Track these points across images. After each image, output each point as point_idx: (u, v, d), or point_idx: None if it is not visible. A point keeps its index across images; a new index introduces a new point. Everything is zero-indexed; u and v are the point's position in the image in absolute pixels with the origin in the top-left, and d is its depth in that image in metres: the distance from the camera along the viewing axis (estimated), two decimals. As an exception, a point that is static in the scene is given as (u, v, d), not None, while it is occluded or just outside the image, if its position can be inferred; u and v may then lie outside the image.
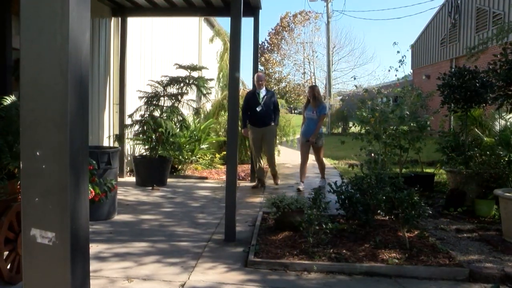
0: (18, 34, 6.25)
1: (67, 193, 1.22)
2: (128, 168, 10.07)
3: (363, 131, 7.59)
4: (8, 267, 4.05)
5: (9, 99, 4.63)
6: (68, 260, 1.22)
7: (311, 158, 9.53)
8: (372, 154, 6.85)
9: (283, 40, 49.24)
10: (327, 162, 13.58)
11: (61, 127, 1.21)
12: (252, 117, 9.03)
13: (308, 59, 47.84)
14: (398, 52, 9.33)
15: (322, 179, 9.38)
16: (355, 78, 11.63)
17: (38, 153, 1.23)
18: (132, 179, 9.39)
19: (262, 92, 9.06)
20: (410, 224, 5.09)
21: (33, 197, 1.25)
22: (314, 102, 9.02)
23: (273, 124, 9.12)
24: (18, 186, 4.17)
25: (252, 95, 9.14)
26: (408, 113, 7.33)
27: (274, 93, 9.57)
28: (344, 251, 4.93)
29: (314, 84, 11.06)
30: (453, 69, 7.95)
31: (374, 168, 6.45)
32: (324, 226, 5.08)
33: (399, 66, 8.83)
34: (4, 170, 4.07)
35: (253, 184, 9.30)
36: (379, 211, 5.56)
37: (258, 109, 8.87)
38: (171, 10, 9.58)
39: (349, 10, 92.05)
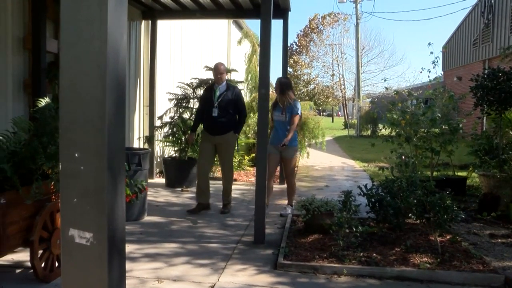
0: (52, 38, 6.39)
1: (105, 194, 1.25)
2: (158, 170, 10.17)
3: (393, 133, 7.51)
4: (43, 265, 4.14)
5: (43, 101, 4.73)
6: (105, 260, 1.24)
7: (337, 161, 9.21)
8: (403, 157, 6.76)
9: (311, 42, 49.10)
10: (355, 164, 13.51)
11: (99, 129, 1.24)
12: (205, 121, 7.11)
13: (337, 61, 47.58)
14: (431, 53, 9.04)
15: (287, 206, 7.11)
16: (385, 80, 11.10)
17: (76, 155, 1.26)
18: (162, 180, 9.48)
19: (220, 89, 6.99)
20: (442, 228, 5.01)
21: (71, 198, 1.28)
22: (282, 100, 6.96)
23: (231, 132, 7.02)
24: (52, 187, 4.26)
25: (208, 92, 7.16)
26: (439, 115, 7.23)
27: (238, 90, 7.29)
28: (375, 254, 4.88)
29: (284, 76, 9.46)
30: (486, 71, 7.80)
31: (405, 171, 6.36)
32: (354, 229, 5.04)
33: (433, 67, 8.62)
34: (39, 170, 4.15)
35: (192, 208, 7.09)
36: (410, 215, 5.49)
37: (213, 113, 6.89)
38: (200, 12, 9.65)
39: (378, 11, 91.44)
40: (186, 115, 9.25)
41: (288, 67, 10.88)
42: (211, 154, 7.08)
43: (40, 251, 4.12)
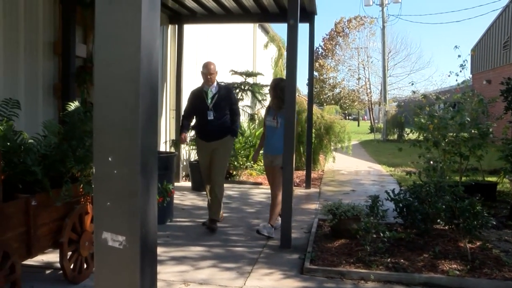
0: (81, 43, 6.49)
1: (138, 198, 1.26)
2: (184, 173, 10.23)
3: (421, 137, 7.42)
4: (72, 267, 4.19)
5: (72, 105, 4.81)
6: (138, 263, 1.25)
7: (363, 165, 9.02)
8: (431, 162, 6.68)
9: (337, 46, 48.87)
10: (382, 168, 13.38)
11: (132, 133, 1.25)
12: (199, 127, 6.43)
13: (363, 64, 47.27)
14: (459, 56, 8.89)
15: (265, 225, 5.96)
16: (413, 84, 10.88)
17: (110, 159, 1.27)
18: (188, 184, 9.53)
19: (212, 90, 6.30)
20: (472, 234, 4.92)
21: (104, 201, 1.29)
22: (277, 104, 6.11)
23: (228, 136, 6.36)
24: (81, 189, 4.32)
25: (197, 95, 6.41)
26: (468, 119, 7.11)
27: (231, 88, 6.93)
28: (402, 260, 4.82)
29: (280, 78, 7.87)
30: (517, 74, 7.65)
31: (433, 176, 6.28)
32: (381, 234, 4.99)
33: (460, 71, 8.47)
34: (68, 173, 4.22)
35: (204, 221, 6.53)
36: (438, 220, 5.41)
37: (209, 116, 6.20)
38: (226, 17, 9.69)
39: (405, 14, 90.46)
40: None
41: (314, 71, 10.87)
42: (210, 163, 6.36)
43: (69, 253, 4.18)
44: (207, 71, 6.29)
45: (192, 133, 7.88)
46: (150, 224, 1.32)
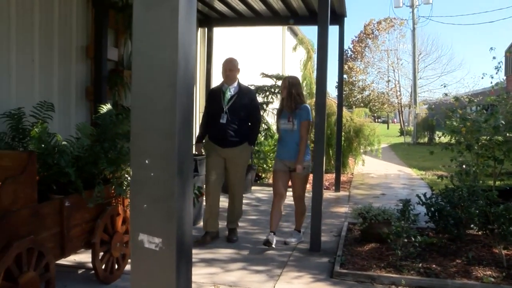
0: (113, 46, 6.59)
1: (174, 200, 1.27)
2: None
3: (453, 141, 7.29)
4: (103, 267, 4.25)
5: (105, 108, 4.89)
6: (174, 265, 1.26)
7: (393, 168, 8.86)
8: (464, 166, 6.55)
9: (366, 48, 48.48)
10: (412, 172, 13.21)
11: (169, 136, 1.26)
12: (211, 129, 5.78)
13: (393, 66, 46.73)
14: (494, 58, 8.72)
15: (294, 233, 5.85)
16: (445, 86, 10.57)
17: (147, 161, 1.29)
18: (217, 186, 9.56)
19: (231, 90, 5.71)
20: (507, 240, 4.82)
21: (141, 204, 1.30)
22: (290, 103, 5.58)
23: (245, 144, 5.73)
24: (112, 191, 4.38)
25: (215, 94, 5.83)
26: (503, 122, 6.96)
27: (253, 92, 6.12)
28: (434, 266, 4.74)
29: (293, 75, 6.25)
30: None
31: (466, 180, 6.16)
32: (413, 239, 4.91)
33: (496, 73, 8.28)
34: (100, 175, 4.28)
35: (198, 240, 5.68)
36: (471, 226, 5.31)
37: (221, 119, 5.58)
38: (256, 19, 9.71)
39: (436, 15, 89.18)
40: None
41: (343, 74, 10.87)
42: (222, 169, 5.77)
43: (101, 253, 4.24)
44: (227, 67, 5.77)
45: None
46: (185, 226, 1.33)
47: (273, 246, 5.37)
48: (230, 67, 5.77)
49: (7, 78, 4.87)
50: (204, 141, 5.99)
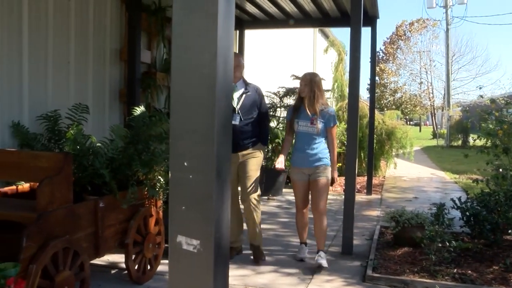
0: (145, 49, 6.67)
1: (212, 203, 1.28)
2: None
3: (488, 144, 7.14)
4: (136, 267, 4.30)
5: (138, 110, 4.95)
6: (211, 267, 1.27)
7: (426, 172, 8.63)
8: (500, 169, 6.41)
9: (398, 49, 47.89)
10: (445, 175, 12.99)
11: (208, 139, 1.27)
12: None
13: (425, 68, 46.04)
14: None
15: (320, 253, 4.98)
16: (480, 88, 10.31)
17: (185, 164, 1.30)
18: (248, 188, 9.58)
19: (238, 88, 5.20)
20: (546, 246, 4.69)
21: (180, 206, 1.32)
22: (314, 104, 4.99)
23: (258, 144, 5.23)
24: (145, 193, 4.43)
25: None
26: (541, 125, 6.78)
27: (259, 89, 5.38)
28: (470, 272, 4.64)
29: (313, 72, 6.37)
30: None
31: (502, 184, 6.02)
32: (447, 243, 4.82)
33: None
34: (134, 176, 4.33)
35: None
36: (509, 231, 5.19)
37: (234, 120, 4.96)
38: (287, 21, 9.70)
39: (471, 15, 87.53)
40: (273, 124, 9.31)
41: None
42: (235, 178, 5.21)
43: (134, 254, 4.29)
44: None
45: None
46: (223, 228, 1.34)
47: (303, 258, 5.16)
48: (238, 65, 5.22)
49: (44, 81, 4.98)
50: None
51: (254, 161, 5.15)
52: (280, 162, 5.12)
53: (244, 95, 5.19)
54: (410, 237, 5.36)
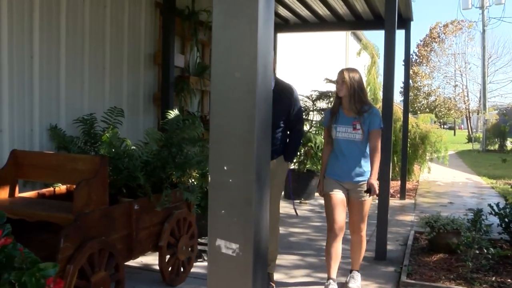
0: (179, 53, 6.73)
1: (252, 207, 1.28)
2: (276, 181, 10.27)
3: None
4: (169, 269, 4.34)
5: (172, 113, 5.00)
6: (250, 271, 1.27)
7: (461, 176, 8.27)
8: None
9: (432, 52, 47.15)
10: (482, 180, 12.72)
11: (248, 143, 1.27)
12: None
13: (460, 71, 45.22)
14: None
15: (353, 274, 4.55)
16: None
17: (225, 167, 1.30)
18: (280, 192, 9.56)
19: None
20: None
21: (219, 209, 1.32)
22: (354, 104, 4.17)
23: (280, 158, 4.32)
24: (179, 195, 4.46)
25: None
26: None
27: (294, 90, 4.36)
28: (509, 280, 4.52)
29: (350, 67, 4.75)
30: None
31: (542, 189, 5.87)
32: (485, 250, 4.71)
33: None
34: (168, 179, 4.38)
35: None
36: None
37: None
38: (320, 25, 9.68)
39: (509, 16, 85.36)
40: (306, 128, 9.28)
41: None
42: None
43: (167, 256, 4.33)
44: None
45: None
46: (262, 232, 1.34)
47: None
48: None
49: (81, 86, 5.08)
50: None
51: (274, 176, 4.02)
52: (321, 190, 4.41)
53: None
54: (445, 243, 5.26)
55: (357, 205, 4.29)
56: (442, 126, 43.36)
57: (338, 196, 4.23)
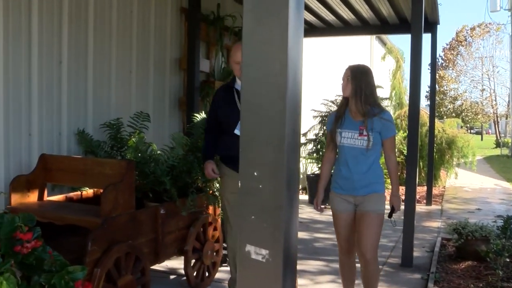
0: (204, 58, 6.77)
1: (282, 213, 1.27)
2: (301, 186, 10.25)
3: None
4: (195, 274, 4.35)
5: (199, 117, 5.03)
6: (280, 277, 1.26)
7: (489, 182, 8.22)
8: None
9: (459, 56, 46.48)
10: (511, 187, 12.48)
11: (278, 149, 1.27)
12: (221, 145, 4.07)
13: (488, 74, 44.43)
14: None
15: None
16: None
17: (255, 173, 1.30)
18: (305, 197, 9.54)
19: None
20: None
21: (249, 215, 1.32)
22: (360, 105, 3.61)
23: None
24: (205, 200, 4.48)
25: (226, 94, 4.07)
26: None
27: None
28: (540, 288, 4.43)
29: (362, 64, 3.89)
30: None
31: None
32: (515, 258, 4.62)
33: None
34: (194, 184, 4.40)
35: None
36: None
37: (236, 129, 3.85)
38: (345, 29, 9.62)
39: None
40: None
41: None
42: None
43: (193, 261, 4.34)
44: (239, 56, 3.68)
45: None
46: (292, 238, 1.33)
47: None
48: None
49: (108, 91, 5.13)
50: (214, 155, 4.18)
51: None
52: (318, 204, 3.94)
53: None
54: (474, 251, 5.17)
55: (363, 221, 3.62)
56: (469, 131, 42.65)
57: (345, 215, 3.73)
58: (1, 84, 3.91)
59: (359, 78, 3.64)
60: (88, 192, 4.38)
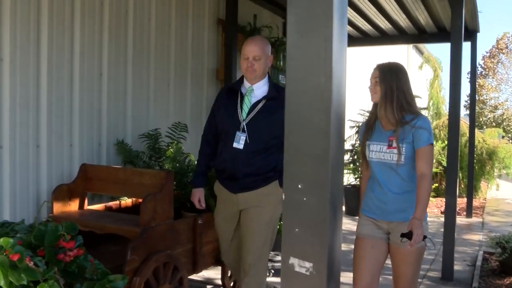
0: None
1: (326, 226, 1.27)
2: (336, 197, 10.15)
3: None
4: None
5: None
6: (324, 291, 1.26)
7: None
8: None
9: (499, 64, 45.45)
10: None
11: (323, 162, 1.27)
12: (219, 159, 3.57)
13: (530, 83, 43.30)
14: None
15: None
16: None
17: (299, 186, 1.30)
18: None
19: (255, 92, 3.45)
20: None
21: (293, 228, 1.32)
22: (391, 111, 2.97)
23: (274, 184, 3.44)
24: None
25: (228, 98, 3.56)
26: None
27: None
28: None
29: (393, 62, 3.22)
30: None
31: None
32: (561, 273, 4.46)
33: None
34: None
35: None
36: None
37: (235, 141, 3.37)
38: (381, 39, 9.55)
39: None
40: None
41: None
42: (232, 228, 3.66)
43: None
44: (249, 51, 3.34)
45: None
46: (336, 251, 1.32)
47: None
48: (255, 52, 3.32)
49: (146, 102, 5.21)
50: (205, 178, 3.81)
51: (265, 208, 3.39)
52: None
53: (261, 105, 3.38)
54: (518, 265, 5.03)
55: (401, 254, 3.05)
56: (510, 141, 41.58)
57: (372, 241, 3.08)
58: (45, 97, 4.02)
59: (389, 79, 3.02)
60: (126, 201, 4.44)
